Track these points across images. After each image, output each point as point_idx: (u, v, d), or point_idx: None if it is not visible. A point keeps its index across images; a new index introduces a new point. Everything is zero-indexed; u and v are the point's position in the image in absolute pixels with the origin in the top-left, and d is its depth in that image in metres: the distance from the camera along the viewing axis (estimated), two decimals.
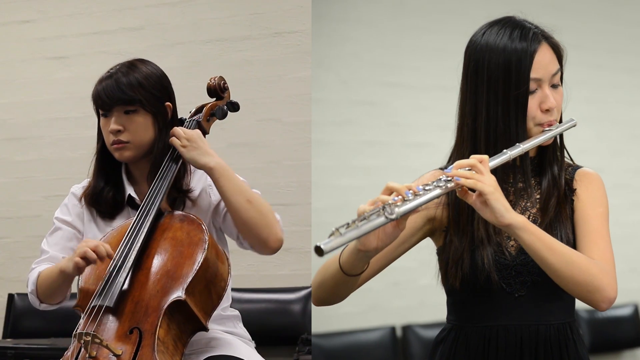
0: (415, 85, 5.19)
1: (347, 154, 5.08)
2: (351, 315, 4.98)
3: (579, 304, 2.06)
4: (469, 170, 1.83)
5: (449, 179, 1.82)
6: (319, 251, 1.64)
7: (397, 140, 5.17)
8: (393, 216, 1.71)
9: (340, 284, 1.94)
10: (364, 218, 1.70)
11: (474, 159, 1.84)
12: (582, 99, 5.41)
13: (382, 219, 1.71)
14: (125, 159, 2.46)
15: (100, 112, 2.47)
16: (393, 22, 5.20)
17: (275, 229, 2.40)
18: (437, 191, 1.79)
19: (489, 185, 1.81)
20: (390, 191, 1.77)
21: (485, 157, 1.85)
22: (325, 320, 4.90)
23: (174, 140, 2.40)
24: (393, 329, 5.11)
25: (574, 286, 1.86)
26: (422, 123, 5.07)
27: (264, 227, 2.38)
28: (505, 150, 1.92)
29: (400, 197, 1.75)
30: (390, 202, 1.73)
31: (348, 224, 1.68)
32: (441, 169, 2.09)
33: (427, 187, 1.79)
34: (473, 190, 1.84)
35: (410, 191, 1.76)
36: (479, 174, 1.82)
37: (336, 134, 5.07)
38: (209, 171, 2.38)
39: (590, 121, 5.50)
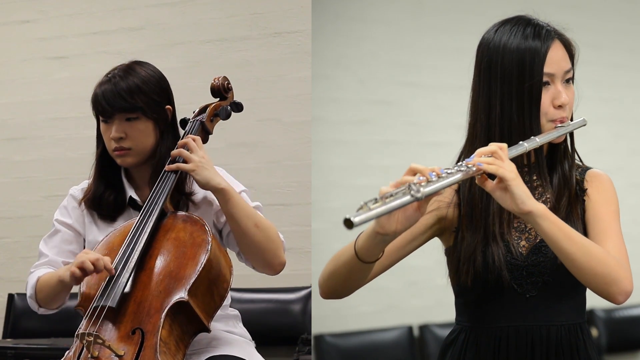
0: (433, 85, 5.20)
1: (365, 154, 5.09)
2: (368, 315, 5.00)
3: (596, 303, 2.06)
4: (490, 157, 1.82)
5: (471, 165, 1.81)
6: (348, 223, 1.62)
7: (415, 140, 5.19)
8: (419, 195, 1.69)
9: (354, 272, 1.91)
10: (390, 195, 1.69)
11: (494, 145, 1.83)
12: (600, 98, 5.43)
13: (408, 197, 1.69)
14: (128, 164, 2.46)
15: (101, 118, 2.46)
16: (411, 21, 5.22)
17: (280, 252, 2.41)
18: (459, 175, 1.78)
19: (510, 171, 1.80)
20: (413, 172, 1.75)
21: (505, 144, 1.84)
22: (343, 319, 4.91)
23: (181, 166, 2.37)
24: (410, 329, 5.13)
25: (592, 277, 1.85)
26: (440, 122, 5.09)
27: (270, 251, 2.39)
28: (521, 142, 1.91)
29: (424, 178, 1.73)
30: (415, 181, 1.72)
31: (376, 199, 1.67)
32: None
33: (449, 171, 1.78)
34: (492, 178, 1.83)
35: (434, 173, 1.75)
36: (500, 160, 1.81)
37: (354, 134, 5.09)
38: (220, 192, 2.36)
39: (607, 120, 5.52)
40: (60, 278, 2.32)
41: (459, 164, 1.82)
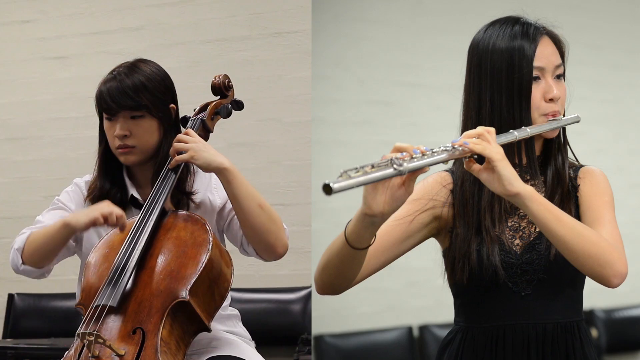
0: (432, 85, 5.20)
1: (365, 154, 5.09)
2: (368, 316, 5.00)
3: (596, 303, 2.06)
4: (477, 138, 1.81)
5: (458, 146, 1.79)
6: (327, 189, 1.58)
7: (414, 140, 5.17)
8: (401, 168, 1.67)
9: (346, 261, 1.85)
10: (372, 166, 1.66)
11: (481, 128, 1.82)
12: (600, 99, 5.43)
13: (390, 170, 1.66)
14: (131, 162, 2.45)
15: (105, 115, 2.45)
16: (410, 22, 5.22)
17: (283, 234, 2.39)
18: (445, 155, 1.76)
19: (497, 153, 1.79)
20: (399, 151, 1.73)
21: (492, 128, 1.83)
22: (342, 320, 4.91)
23: (179, 158, 2.35)
24: (410, 329, 5.13)
25: (584, 259, 1.82)
26: (439, 123, 5.08)
27: (273, 232, 2.37)
28: (511, 131, 1.91)
29: (408, 154, 1.71)
30: (398, 156, 1.70)
31: (357, 168, 1.64)
32: (447, 171, 2.09)
33: (434, 150, 1.76)
34: (480, 163, 1.82)
35: (419, 150, 1.73)
36: (486, 141, 1.80)
37: (353, 134, 5.08)
38: (224, 172, 2.35)
39: (608, 121, 5.52)
40: (66, 222, 2.28)
41: (445, 144, 1.79)
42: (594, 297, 2.06)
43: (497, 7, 2.25)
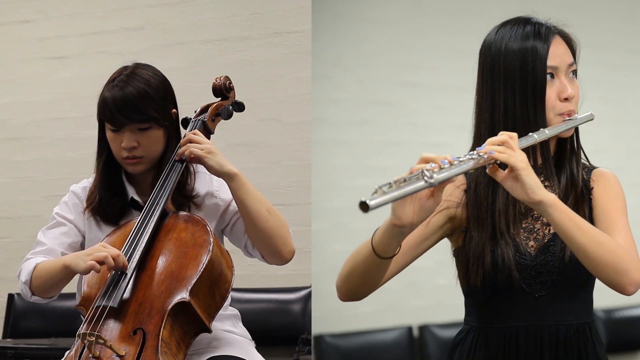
0: (433, 85, 5.20)
1: (364, 154, 5.09)
2: (368, 315, 4.99)
3: (596, 303, 2.06)
4: (500, 146, 1.81)
5: (483, 154, 1.80)
6: (364, 206, 1.60)
7: (415, 140, 5.19)
8: (432, 180, 1.68)
9: (372, 269, 1.89)
10: (404, 180, 1.68)
11: (504, 135, 1.83)
12: (600, 99, 5.41)
13: (422, 183, 1.68)
14: (138, 172, 2.45)
15: (110, 126, 2.42)
16: (410, 22, 5.22)
17: (290, 239, 2.40)
18: (471, 163, 1.77)
19: (521, 161, 1.80)
20: (426, 161, 1.74)
21: (515, 134, 1.84)
22: (342, 320, 4.91)
23: (194, 151, 2.37)
24: (410, 329, 5.12)
25: (602, 267, 1.84)
26: (440, 123, 5.09)
27: (280, 237, 2.38)
28: (531, 134, 1.91)
29: (436, 165, 1.72)
30: (428, 168, 1.71)
31: (390, 184, 1.66)
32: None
33: (461, 159, 1.77)
34: (503, 168, 1.83)
35: (446, 160, 1.74)
36: (511, 149, 1.81)
37: (353, 134, 5.08)
38: (234, 178, 2.36)
39: (607, 121, 5.52)
40: (68, 265, 2.26)
41: (470, 152, 1.81)
42: (594, 296, 2.06)
43: (497, 8, 2.25)
